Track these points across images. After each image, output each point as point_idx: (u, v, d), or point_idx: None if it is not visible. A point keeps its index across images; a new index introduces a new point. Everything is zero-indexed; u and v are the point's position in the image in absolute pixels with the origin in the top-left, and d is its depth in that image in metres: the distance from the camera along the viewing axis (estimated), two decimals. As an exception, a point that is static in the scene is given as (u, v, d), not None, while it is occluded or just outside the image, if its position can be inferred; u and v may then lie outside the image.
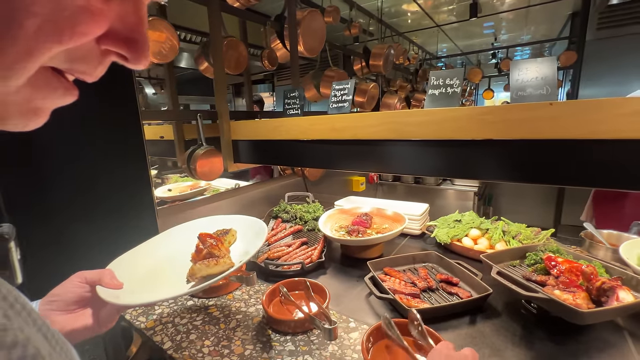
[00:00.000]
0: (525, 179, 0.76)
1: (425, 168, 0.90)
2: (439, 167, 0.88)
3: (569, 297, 0.77)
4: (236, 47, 1.45)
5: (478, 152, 0.81)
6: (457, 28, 4.69)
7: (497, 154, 0.79)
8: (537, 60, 0.82)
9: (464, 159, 0.84)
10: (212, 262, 0.78)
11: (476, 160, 0.82)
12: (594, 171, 0.67)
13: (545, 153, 0.71)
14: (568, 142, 0.68)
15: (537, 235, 1.23)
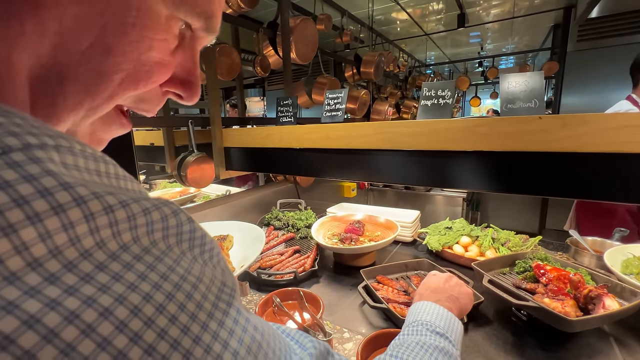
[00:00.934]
0: (514, 190, 0.78)
1: (418, 178, 0.91)
2: (431, 178, 0.89)
3: (558, 305, 0.79)
4: (229, 54, 1.44)
5: (470, 163, 0.83)
6: (444, 37, 4.81)
7: (488, 165, 0.80)
8: (525, 74, 0.84)
9: (456, 169, 0.85)
10: None
11: (468, 171, 0.84)
12: (580, 183, 0.69)
13: (534, 165, 0.73)
14: (555, 154, 0.70)
15: (525, 242, 1.25)
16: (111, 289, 0.17)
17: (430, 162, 0.88)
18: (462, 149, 0.82)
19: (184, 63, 0.31)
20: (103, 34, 0.24)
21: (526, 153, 0.74)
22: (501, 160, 0.78)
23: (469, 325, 0.92)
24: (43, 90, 0.23)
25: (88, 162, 0.20)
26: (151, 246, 0.20)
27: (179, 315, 0.19)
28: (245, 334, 0.24)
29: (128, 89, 0.27)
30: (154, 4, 0.26)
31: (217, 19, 0.32)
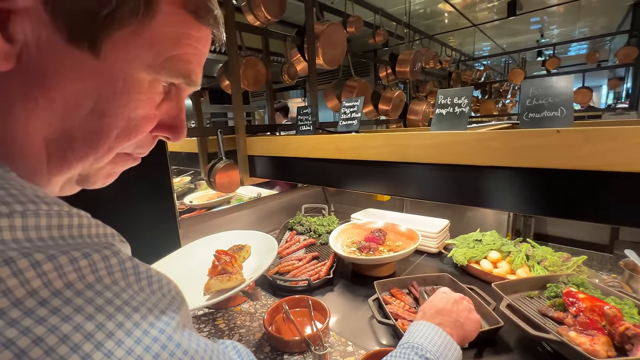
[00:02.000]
0: (530, 209, 0.70)
1: (428, 192, 0.87)
2: (441, 192, 0.84)
3: (586, 341, 0.70)
4: (254, 65, 1.51)
5: (481, 178, 0.76)
6: (499, 26, 4.41)
7: (501, 181, 0.74)
8: (552, 79, 0.75)
9: (467, 184, 0.80)
10: (225, 277, 0.86)
11: (479, 186, 0.77)
12: (605, 206, 0.60)
13: (553, 183, 0.65)
14: (577, 172, 0.62)
15: (565, 262, 1.12)
16: (31, 331, 0.20)
17: (440, 176, 0.84)
18: (472, 164, 0.76)
19: (169, 111, 0.38)
20: (98, 102, 0.30)
21: (542, 170, 0.66)
22: (514, 177, 0.71)
23: (484, 351, 0.86)
24: (55, 147, 0.30)
25: (51, 219, 0.24)
26: (87, 287, 0.24)
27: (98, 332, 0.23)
28: (172, 346, 0.27)
29: (123, 141, 0.34)
30: (137, 74, 0.31)
31: (197, 75, 0.37)
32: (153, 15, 0.31)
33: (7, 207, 0.22)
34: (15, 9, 0.25)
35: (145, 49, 0.31)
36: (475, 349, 0.86)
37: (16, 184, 0.24)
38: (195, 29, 0.35)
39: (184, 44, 0.34)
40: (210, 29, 0.37)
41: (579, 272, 1.09)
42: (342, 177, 1.07)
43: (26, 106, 0.28)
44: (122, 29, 0.29)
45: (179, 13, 0.33)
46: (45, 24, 0.27)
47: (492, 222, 2.67)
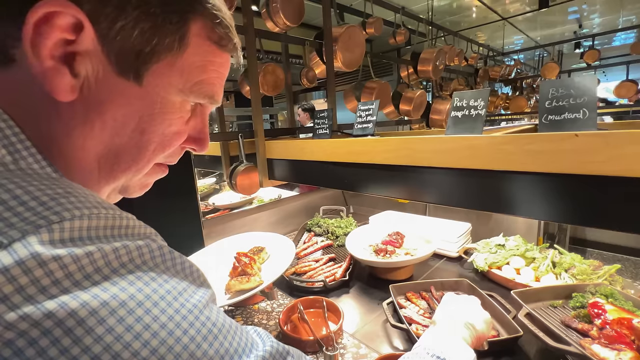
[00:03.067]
0: (547, 216, 0.68)
1: (440, 197, 0.86)
2: (454, 197, 0.83)
3: (610, 356, 0.66)
4: (273, 71, 1.55)
5: (496, 183, 0.74)
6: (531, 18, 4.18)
7: (517, 187, 0.71)
8: (574, 79, 0.72)
9: (480, 190, 0.78)
10: (244, 279, 0.91)
11: (494, 192, 0.75)
12: (625, 213, 0.57)
13: (571, 190, 0.63)
14: (597, 178, 0.59)
15: (596, 270, 1.05)
16: (99, 296, 0.24)
17: (453, 180, 0.82)
18: (486, 168, 0.74)
19: (195, 126, 0.44)
20: (139, 122, 0.36)
21: (560, 176, 0.63)
22: (530, 183, 0.69)
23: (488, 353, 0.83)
24: (105, 162, 0.36)
25: (108, 221, 0.28)
26: (136, 267, 0.28)
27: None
28: (202, 318, 0.30)
29: (159, 153, 0.40)
30: (170, 97, 0.37)
31: (219, 95, 0.43)
32: (185, 48, 0.36)
33: (79, 211, 0.26)
34: (80, 50, 0.31)
35: (177, 76, 0.37)
36: (491, 357, 0.84)
37: (82, 192, 0.29)
38: (218, 56, 0.40)
39: (209, 70, 0.39)
40: (230, 54, 0.42)
41: (612, 282, 1.02)
42: (356, 180, 1.07)
43: (84, 129, 0.34)
44: (160, 62, 0.35)
45: (205, 44, 0.38)
46: (101, 62, 0.32)
47: (521, 225, 2.54)
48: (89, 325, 0.23)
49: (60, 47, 0.30)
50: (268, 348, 0.33)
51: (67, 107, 0.32)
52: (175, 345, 0.26)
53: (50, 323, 0.22)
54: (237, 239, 1.31)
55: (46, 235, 0.24)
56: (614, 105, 5.11)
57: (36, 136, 0.31)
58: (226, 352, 0.29)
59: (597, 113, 0.70)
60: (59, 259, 0.23)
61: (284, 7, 1.52)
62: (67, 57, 0.31)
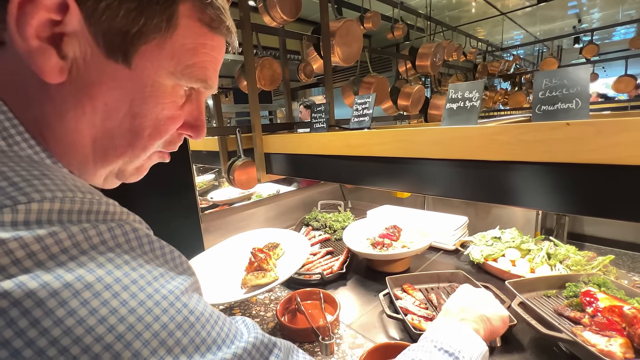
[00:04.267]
0: (537, 205, 0.68)
1: (435, 188, 0.86)
2: (450, 188, 0.83)
3: (601, 342, 0.67)
4: (270, 65, 1.55)
5: (490, 173, 0.75)
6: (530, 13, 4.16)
7: (511, 176, 0.72)
8: (567, 70, 0.72)
9: (476, 180, 0.78)
10: (260, 274, 0.93)
11: (488, 182, 0.76)
12: (617, 201, 0.57)
13: (561, 178, 0.63)
14: (589, 167, 0.59)
15: (590, 261, 1.06)
16: (62, 277, 0.23)
17: (449, 171, 0.83)
18: (480, 159, 0.75)
19: (191, 112, 0.43)
20: (131, 105, 0.36)
21: (552, 164, 0.64)
22: (524, 172, 0.69)
23: (495, 349, 0.84)
24: (99, 145, 0.36)
25: (83, 205, 0.28)
26: (109, 249, 0.28)
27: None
28: (178, 305, 0.29)
29: (154, 138, 0.39)
30: (161, 80, 0.37)
31: (213, 80, 0.42)
32: (173, 29, 0.36)
33: (51, 193, 0.26)
34: (67, 31, 0.31)
35: (168, 59, 0.36)
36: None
37: (60, 175, 0.28)
38: (210, 38, 0.39)
39: (200, 53, 0.38)
40: (224, 38, 0.42)
41: (606, 272, 1.03)
42: (353, 173, 1.08)
43: (76, 112, 0.34)
44: (148, 43, 0.35)
45: (195, 26, 0.37)
46: (89, 44, 0.32)
47: (519, 219, 2.55)
48: (49, 307, 0.22)
49: (47, 28, 0.30)
50: (251, 339, 0.32)
51: (57, 89, 0.32)
52: (144, 331, 0.25)
53: (6, 303, 0.21)
54: (253, 235, 1.34)
55: (9, 215, 0.23)
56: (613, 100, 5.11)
57: (28, 120, 0.32)
58: (202, 341, 0.28)
59: (597, 109, 0.70)
60: (19, 238, 0.23)
61: (280, 2, 1.52)
62: (54, 38, 0.31)
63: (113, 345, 0.23)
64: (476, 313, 0.65)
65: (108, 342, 0.23)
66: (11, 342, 0.21)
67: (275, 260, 1.10)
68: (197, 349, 0.28)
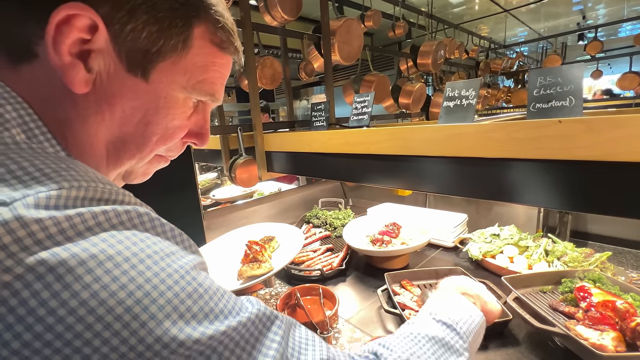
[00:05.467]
0: (531, 201, 0.70)
1: (432, 185, 0.88)
2: (447, 185, 0.85)
3: (593, 336, 0.68)
4: (271, 64, 1.57)
5: (484, 171, 0.76)
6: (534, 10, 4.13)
7: (505, 173, 0.73)
8: (561, 68, 0.73)
9: (471, 177, 0.80)
10: (255, 265, 0.96)
11: (484, 179, 0.77)
12: (608, 197, 0.58)
13: (554, 175, 0.64)
14: (579, 163, 0.61)
15: (588, 258, 1.07)
16: (70, 250, 0.26)
17: (445, 169, 0.84)
18: (475, 156, 0.76)
19: (197, 122, 0.47)
20: (145, 115, 0.40)
21: (545, 161, 0.65)
22: (517, 169, 0.70)
23: (491, 343, 0.86)
24: (113, 148, 0.40)
25: (104, 194, 0.31)
26: (125, 227, 0.30)
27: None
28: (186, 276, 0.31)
29: (161, 144, 0.43)
30: (174, 93, 0.41)
31: (220, 94, 0.46)
32: (188, 49, 0.40)
33: (77, 182, 0.29)
34: (94, 48, 0.35)
35: (181, 74, 0.40)
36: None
37: (84, 169, 0.32)
38: (219, 57, 0.43)
39: (210, 70, 0.43)
40: (232, 57, 0.46)
41: (603, 269, 1.04)
42: (352, 171, 1.09)
43: (97, 117, 0.38)
44: (165, 61, 0.39)
45: (207, 46, 0.41)
46: (112, 60, 0.36)
47: (521, 217, 2.55)
48: (78, 274, 0.25)
49: (78, 45, 0.34)
50: (255, 311, 0.35)
51: (82, 98, 0.36)
52: (158, 298, 0.28)
53: (43, 269, 0.24)
54: (251, 229, 1.36)
55: (44, 200, 0.27)
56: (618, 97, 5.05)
57: (53, 123, 0.35)
58: (211, 310, 0.31)
59: (602, 106, 0.71)
60: (53, 217, 0.26)
61: (281, 1, 1.53)
62: (83, 54, 0.35)
63: (132, 308, 0.26)
64: (473, 292, 0.66)
65: (128, 305, 0.26)
66: (48, 302, 0.24)
67: (270, 252, 1.12)
68: (206, 317, 0.30)
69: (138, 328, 0.26)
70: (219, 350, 0.30)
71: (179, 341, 0.28)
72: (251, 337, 0.33)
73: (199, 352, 0.29)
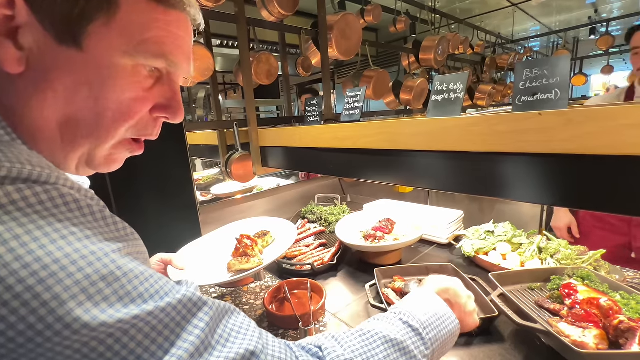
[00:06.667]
0: (512, 196, 0.68)
1: (421, 180, 0.87)
2: (433, 180, 0.84)
3: (575, 333, 0.67)
4: (267, 60, 1.57)
5: (469, 164, 0.75)
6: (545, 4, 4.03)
7: (489, 167, 0.72)
8: (548, 60, 0.72)
9: (457, 172, 0.79)
10: (244, 259, 0.96)
11: (467, 173, 0.76)
12: (588, 191, 0.57)
13: (534, 169, 0.63)
14: (558, 156, 0.59)
15: (581, 255, 1.05)
16: None
17: (432, 163, 0.83)
18: (458, 150, 0.75)
19: (164, 94, 0.43)
20: (91, 89, 0.37)
21: (525, 155, 0.64)
22: (501, 163, 0.69)
23: (475, 340, 0.85)
24: (66, 130, 0.38)
25: (31, 176, 0.30)
26: (44, 208, 0.30)
27: None
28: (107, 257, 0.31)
29: (120, 121, 0.40)
30: (117, 61, 0.38)
31: (176, 56, 0.41)
32: (116, 8, 0.37)
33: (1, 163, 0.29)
34: (19, 24, 0.34)
35: (117, 37, 0.37)
36: (465, 337, 0.86)
37: (16, 151, 0.31)
38: (162, 13, 0.39)
39: (152, 27, 0.39)
40: (182, 13, 0.41)
41: (598, 267, 1.01)
42: (342, 165, 1.09)
43: (38, 98, 0.36)
44: (93, 23, 0.36)
45: (142, 2, 0.38)
46: (40, 32, 0.35)
47: (524, 216, 2.51)
48: None
49: (2, 24, 0.33)
50: (179, 296, 0.34)
51: (19, 79, 0.35)
52: (65, 279, 0.27)
53: None
54: (247, 223, 1.35)
55: None
56: (632, 94, 4.89)
57: (1, 110, 0.35)
58: (127, 294, 0.30)
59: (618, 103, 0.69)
60: None
61: (278, -4, 1.53)
62: (10, 32, 0.34)
63: (34, 287, 0.26)
64: (457, 298, 0.62)
65: (30, 284, 0.26)
66: None
67: (262, 247, 1.12)
68: (120, 300, 0.30)
69: (38, 307, 0.26)
70: (131, 334, 0.30)
71: (82, 322, 0.27)
72: (171, 322, 0.32)
73: (108, 335, 0.29)
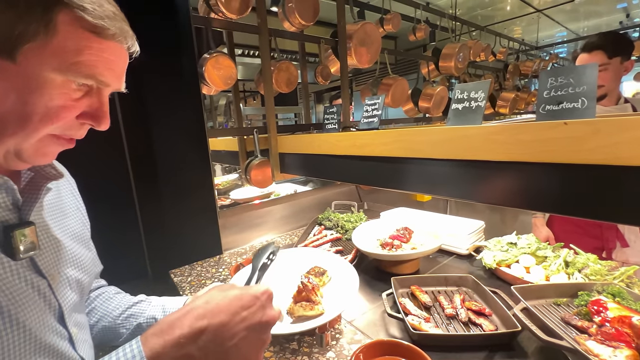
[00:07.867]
0: (539, 207, 0.67)
1: (438, 188, 0.86)
2: (451, 188, 0.83)
3: (605, 353, 0.64)
4: (287, 69, 1.61)
5: (490, 173, 0.74)
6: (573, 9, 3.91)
7: (508, 177, 0.71)
8: (574, 68, 0.70)
9: (475, 181, 0.77)
10: (308, 306, 0.87)
11: (488, 182, 0.75)
12: (615, 203, 0.55)
13: (559, 179, 0.61)
14: (586, 167, 0.57)
15: (612, 271, 0.99)
16: None
17: (450, 172, 0.82)
18: (479, 159, 0.74)
19: (91, 105, 0.49)
20: (20, 95, 0.43)
21: (549, 165, 0.62)
22: (523, 172, 0.68)
23: (496, 355, 0.82)
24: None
25: None
26: None
27: None
28: None
29: (46, 123, 0.45)
30: (47, 74, 0.43)
31: (106, 77, 0.47)
32: (53, 34, 0.42)
33: None
34: None
35: (51, 57, 0.43)
36: (485, 351, 0.83)
37: None
38: (96, 42, 0.45)
39: (85, 53, 0.45)
40: (115, 42, 0.47)
41: (630, 284, 0.96)
42: (359, 173, 1.10)
43: None
44: (30, 43, 0.42)
45: (77, 31, 0.44)
46: None
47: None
48: None
49: None
50: None
51: None
52: None
53: None
54: (295, 254, 1.19)
55: None
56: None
57: None
58: None
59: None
60: None
61: (299, 7, 1.58)
62: None
63: None
64: (222, 344, 0.46)
65: None
66: None
67: (321, 285, 1.01)
68: None
69: None
70: None
71: None
72: None
73: None
